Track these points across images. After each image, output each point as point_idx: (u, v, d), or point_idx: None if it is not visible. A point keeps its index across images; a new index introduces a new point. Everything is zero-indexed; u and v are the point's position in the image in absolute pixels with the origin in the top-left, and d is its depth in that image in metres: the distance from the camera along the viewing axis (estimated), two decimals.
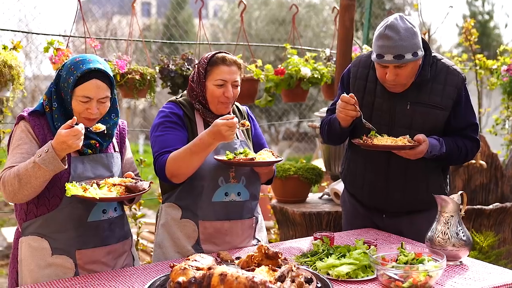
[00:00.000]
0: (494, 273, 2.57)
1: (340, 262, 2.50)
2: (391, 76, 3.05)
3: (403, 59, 2.98)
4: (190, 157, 2.79)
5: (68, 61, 2.66)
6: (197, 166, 2.83)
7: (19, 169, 2.47)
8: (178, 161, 2.81)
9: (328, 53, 5.58)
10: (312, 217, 4.33)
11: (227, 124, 2.70)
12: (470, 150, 3.22)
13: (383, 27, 3.01)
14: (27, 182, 2.45)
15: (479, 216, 4.54)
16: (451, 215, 2.71)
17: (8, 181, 2.49)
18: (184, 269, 2.16)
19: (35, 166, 2.42)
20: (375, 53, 3.04)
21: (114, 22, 14.17)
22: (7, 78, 3.86)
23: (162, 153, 2.88)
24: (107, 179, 2.64)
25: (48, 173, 2.45)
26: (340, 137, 3.40)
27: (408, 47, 2.98)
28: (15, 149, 2.60)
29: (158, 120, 2.99)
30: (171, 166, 2.82)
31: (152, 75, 4.70)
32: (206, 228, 2.97)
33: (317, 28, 16.20)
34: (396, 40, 2.96)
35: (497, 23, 21.10)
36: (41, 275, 2.60)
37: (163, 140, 2.92)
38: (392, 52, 2.97)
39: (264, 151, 2.97)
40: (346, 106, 3.08)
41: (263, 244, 2.37)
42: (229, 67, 2.95)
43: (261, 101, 5.18)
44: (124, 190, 2.58)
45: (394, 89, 3.15)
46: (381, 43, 3.00)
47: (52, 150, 2.41)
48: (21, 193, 2.50)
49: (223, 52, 3.02)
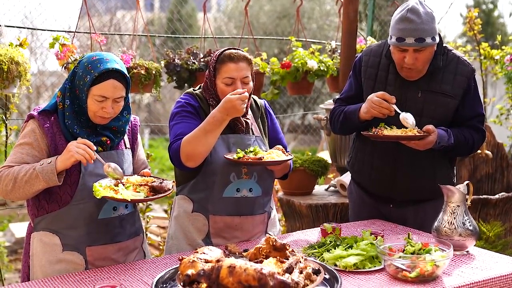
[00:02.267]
0: (501, 262, 2.58)
1: (348, 253, 2.52)
2: (410, 60, 3.05)
3: (424, 43, 3.00)
4: (204, 136, 2.77)
5: (85, 58, 2.65)
6: (211, 144, 2.81)
7: (19, 171, 2.51)
8: (192, 142, 2.78)
9: (333, 45, 5.57)
10: (319, 209, 4.34)
11: (240, 98, 2.72)
12: (476, 141, 3.23)
13: (404, 10, 3.02)
14: (20, 186, 2.50)
15: (485, 206, 4.54)
16: (458, 205, 2.72)
17: (5, 180, 2.53)
18: (192, 262, 2.18)
19: (33, 173, 2.47)
20: (395, 36, 3.04)
21: (118, 17, 14.15)
22: (14, 74, 3.88)
23: (176, 140, 2.87)
24: (129, 178, 2.64)
25: (42, 184, 2.49)
26: (354, 129, 3.40)
27: (428, 30, 3.00)
28: (17, 147, 2.63)
29: (174, 109, 2.99)
30: (186, 148, 2.79)
31: (157, 70, 4.70)
32: (216, 222, 2.98)
33: (321, 21, 16.15)
34: (418, 23, 2.98)
35: (502, 12, 21.02)
36: (52, 270, 2.62)
37: (178, 128, 2.91)
38: (413, 35, 2.98)
39: (274, 150, 2.95)
40: (382, 103, 3.06)
41: (271, 236, 2.38)
42: (236, 64, 2.91)
43: (267, 94, 5.19)
44: (149, 190, 2.59)
45: (410, 76, 3.16)
46: (402, 26, 3.00)
47: (54, 164, 2.46)
48: (12, 195, 2.56)
49: (231, 49, 2.98)
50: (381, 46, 3.33)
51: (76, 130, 2.62)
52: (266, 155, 2.87)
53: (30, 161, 2.57)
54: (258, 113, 3.17)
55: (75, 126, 2.62)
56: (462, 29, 16.96)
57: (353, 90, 3.40)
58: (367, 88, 3.28)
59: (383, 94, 3.08)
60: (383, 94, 3.08)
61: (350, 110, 3.29)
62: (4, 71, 3.82)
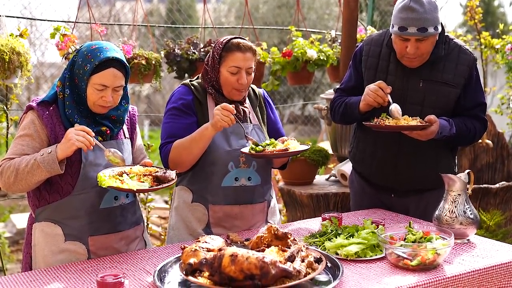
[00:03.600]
0: (501, 251, 2.60)
1: (349, 242, 2.53)
2: (412, 49, 3.05)
3: (426, 32, 3.00)
4: (189, 145, 2.83)
5: (84, 48, 2.65)
6: (197, 154, 2.87)
7: (20, 163, 2.51)
8: (180, 149, 2.85)
9: (333, 34, 5.56)
10: (320, 198, 4.35)
11: (222, 107, 2.74)
12: (478, 130, 3.24)
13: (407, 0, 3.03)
14: (22, 178, 2.50)
15: (485, 195, 4.55)
16: (458, 193, 2.73)
17: (6, 173, 2.54)
18: (195, 251, 2.19)
19: (34, 164, 2.47)
20: (397, 25, 3.04)
21: (117, 8, 14.11)
22: (16, 65, 3.87)
23: (166, 143, 2.92)
24: (131, 168, 2.66)
25: (44, 174, 2.49)
26: (355, 121, 3.41)
27: (431, 20, 3.00)
28: (17, 139, 2.63)
29: (168, 105, 3.02)
30: (174, 154, 2.86)
31: (157, 60, 4.70)
32: (216, 212, 2.99)
33: (321, 10, 16.10)
34: (420, 12, 2.98)
35: (502, 2, 20.91)
36: (54, 260, 2.63)
37: (168, 128, 2.96)
38: (416, 25, 2.99)
39: (290, 140, 2.91)
40: (378, 91, 3.08)
41: (272, 225, 2.39)
42: (243, 54, 2.91)
43: (267, 85, 5.18)
44: (152, 180, 2.61)
45: (412, 64, 3.16)
46: (405, 16, 3.01)
47: (55, 153, 2.46)
48: (14, 187, 2.55)
49: (238, 38, 2.97)
50: (382, 35, 3.33)
51: (77, 119, 2.62)
52: (283, 147, 2.84)
53: (31, 152, 2.57)
54: (256, 101, 3.18)
55: (75, 115, 2.62)
56: (462, 19, 16.95)
57: (353, 80, 3.39)
58: (368, 78, 3.28)
59: (380, 83, 3.09)
60: (380, 82, 3.10)
61: (351, 101, 3.29)
62: (5, 61, 3.81)
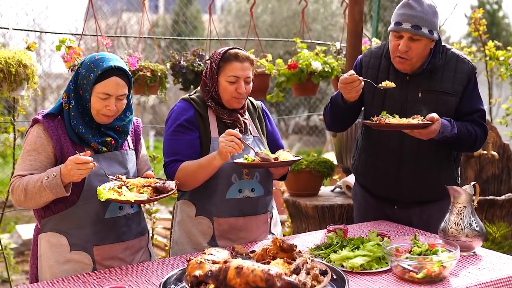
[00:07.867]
0: (508, 263, 2.59)
1: (354, 254, 2.52)
2: (403, 47, 3.07)
3: (420, 31, 3.03)
4: (196, 171, 2.87)
5: (87, 58, 2.70)
6: (202, 180, 2.90)
7: (28, 183, 2.55)
8: (186, 172, 2.88)
9: (338, 46, 5.58)
10: (325, 210, 4.34)
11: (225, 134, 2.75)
12: (479, 136, 3.22)
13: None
14: (31, 197, 2.55)
15: (491, 207, 4.54)
16: (464, 206, 2.72)
17: (17, 191, 2.58)
18: (200, 263, 2.19)
19: (41, 187, 2.50)
20: (394, 21, 3.10)
21: (124, 20, 14.19)
22: (22, 77, 3.92)
23: (171, 161, 2.94)
24: (132, 180, 2.67)
25: (51, 196, 2.53)
26: (344, 117, 3.35)
27: (427, 21, 3.03)
28: (25, 155, 2.66)
29: (169, 121, 3.03)
30: (179, 176, 2.88)
31: (162, 72, 4.72)
32: (221, 224, 2.99)
33: (325, 21, 16.16)
34: (417, 10, 3.03)
35: (506, 13, 20.96)
36: (60, 270, 2.64)
37: (171, 145, 2.98)
38: (411, 21, 3.03)
39: (282, 152, 2.95)
40: (348, 85, 3.01)
41: (278, 237, 2.39)
42: (241, 63, 2.96)
43: (273, 97, 5.19)
44: (152, 191, 2.63)
45: (402, 66, 3.16)
46: (402, 11, 3.07)
47: (59, 176, 2.48)
48: (26, 204, 2.60)
49: (236, 48, 3.02)
50: (381, 48, 3.35)
51: (82, 130, 2.65)
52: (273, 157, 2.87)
53: (39, 167, 2.62)
54: (255, 114, 3.20)
55: (80, 126, 2.65)
56: (467, 30, 16.95)
57: None
58: (367, 90, 3.27)
59: (342, 78, 3.01)
60: (342, 77, 3.01)
61: (335, 95, 3.29)
62: (12, 74, 3.86)
